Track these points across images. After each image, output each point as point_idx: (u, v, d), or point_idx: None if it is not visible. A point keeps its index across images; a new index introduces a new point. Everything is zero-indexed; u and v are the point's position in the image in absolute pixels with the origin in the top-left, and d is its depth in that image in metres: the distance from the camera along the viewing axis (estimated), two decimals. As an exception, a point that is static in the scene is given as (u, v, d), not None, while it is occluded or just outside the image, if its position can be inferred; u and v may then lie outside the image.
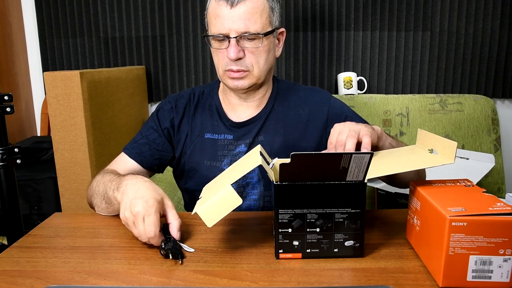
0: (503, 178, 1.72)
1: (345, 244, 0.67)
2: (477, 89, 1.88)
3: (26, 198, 1.61)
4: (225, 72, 0.94)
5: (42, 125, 2.01)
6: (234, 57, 0.90)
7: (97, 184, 0.90)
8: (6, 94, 1.02)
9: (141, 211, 0.69)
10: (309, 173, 0.63)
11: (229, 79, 0.94)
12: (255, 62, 0.93)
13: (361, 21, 1.86)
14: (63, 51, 1.93)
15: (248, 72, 0.93)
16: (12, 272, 0.65)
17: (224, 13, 0.89)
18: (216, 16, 0.90)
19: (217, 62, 0.95)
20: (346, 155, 0.61)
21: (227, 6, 0.88)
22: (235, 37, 0.89)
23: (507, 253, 0.56)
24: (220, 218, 0.65)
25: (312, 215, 0.65)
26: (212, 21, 0.91)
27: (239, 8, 0.88)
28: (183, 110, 1.03)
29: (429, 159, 0.71)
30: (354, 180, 0.64)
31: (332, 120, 1.00)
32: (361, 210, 0.65)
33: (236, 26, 0.89)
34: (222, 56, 0.93)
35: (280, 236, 0.66)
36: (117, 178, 0.82)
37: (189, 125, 1.02)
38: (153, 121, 1.03)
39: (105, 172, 0.94)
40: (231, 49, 0.90)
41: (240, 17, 0.88)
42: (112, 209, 0.85)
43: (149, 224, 0.69)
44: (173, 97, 1.05)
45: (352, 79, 1.84)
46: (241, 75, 0.93)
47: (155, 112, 1.04)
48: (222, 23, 0.89)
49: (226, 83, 0.96)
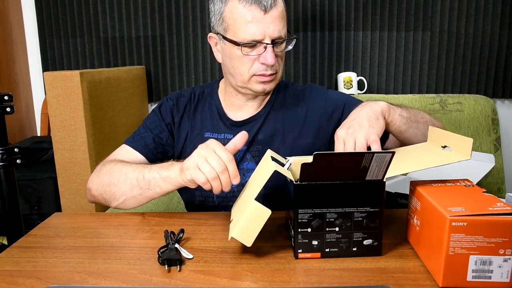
0: (503, 178, 1.72)
1: (363, 242, 0.67)
2: (477, 89, 1.88)
3: (26, 198, 1.60)
4: (252, 76, 0.92)
5: (42, 125, 2.01)
6: (272, 63, 0.88)
7: (117, 175, 0.87)
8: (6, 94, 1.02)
9: (211, 144, 0.73)
10: (329, 173, 0.64)
11: (259, 83, 0.92)
12: (280, 65, 0.94)
13: (361, 21, 1.86)
14: (63, 51, 1.93)
15: (275, 75, 0.93)
16: (12, 272, 0.65)
17: (258, 18, 0.86)
18: (247, 21, 0.87)
19: (241, 68, 0.91)
20: (368, 155, 0.61)
21: (260, 12, 0.86)
22: (272, 44, 0.88)
23: (507, 253, 0.56)
24: (257, 234, 0.66)
25: (332, 214, 0.66)
26: (242, 27, 0.87)
27: (272, 12, 0.87)
28: (183, 109, 1.03)
29: (445, 156, 0.71)
30: (374, 179, 0.64)
31: (331, 112, 1.00)
32: (380, 209, 0.66)
33: (271, 31, 0.87)
34: (250, 62, 0.90)
35: (299, 236, 0.66)
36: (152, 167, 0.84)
37: (189, 123, 1.02)
38: (155, 115, 1.03)
39: (114, 162, 0.92)
40: (269, 55, 0.88)
41: (273, 22, 0.87)
42: (151, 193, 0.83)
43: (222, 151, 0.71)
44: (174, 95, 1.05)
45: (352, 79, 1.84)
46: (271, 79, 0.92)
47: (156, 108, 1.04)
48: (256, 29, 0.86)
49: (252, 88, 0.94)
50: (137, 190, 0.84)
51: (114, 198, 0.88)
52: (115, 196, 0.87)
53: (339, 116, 1.00)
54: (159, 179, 0.81)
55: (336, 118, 1.01)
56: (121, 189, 0.86)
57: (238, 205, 0.76)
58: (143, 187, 0.83)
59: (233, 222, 0.71)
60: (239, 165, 0.98)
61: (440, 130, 0.76)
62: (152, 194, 0.84)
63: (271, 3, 0.86)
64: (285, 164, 0.75)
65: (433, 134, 0.79)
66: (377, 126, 0.78)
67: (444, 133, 0.75)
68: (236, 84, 0.95)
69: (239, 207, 0.74)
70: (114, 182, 0.87)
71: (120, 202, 0.87)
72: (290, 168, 0.75)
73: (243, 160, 0.98)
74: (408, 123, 0.86)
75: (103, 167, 0.92)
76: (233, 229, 0.67)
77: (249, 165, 0.98)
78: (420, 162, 0.72)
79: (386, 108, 0.82)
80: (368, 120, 0.78)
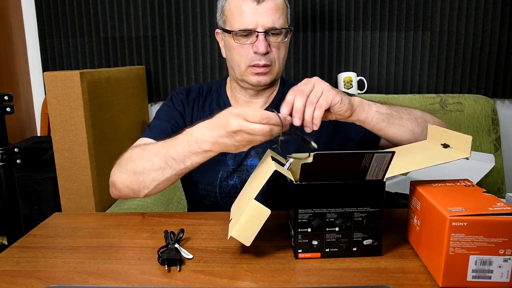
0: (503, 178, 1.72)
1: (363, 243, 0.67)
2: (477, 89, 1.88)
3: (26, 198, 1.60)
4: (248, 67, 0.94)
5: (42, 125, 2.01)
6: (263, 51, 0.90)
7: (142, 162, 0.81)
8: (6, 94, 1.02)
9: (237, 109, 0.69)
10: (329, 173, 0.64)
11: (253, 75, 0.94)
12: (277, 57, 0.95)
13: (361, 21, 1.85)
14: (63, 51, 1.93)
15: (271, 67, 0.94)
16: (12, 272, 0.65)
17: (251, 9, 0.90)
18: (241, 11, 0.91)
19: (238, 59, 0.95)
20: (368, 155, 0.61)
21: (253, 2, 0.90)
22: (263, 32, 0.90)
23: (507, 253, 0.56)
24: (256, 234, 0.65)
25: (332, 214, 0.66)
26: (236, 17, 0.92)
27: (266, 4, 0.90)
28: (193, 102, 1.05)
29: (445, 154, 0.71)
30: (374, 179, 0.64)
31: None
32: (380, 209, 0.66)
33: (263, 21, 0.90)
34: (245, 52, 0.93)
35: (299, 236, 0.66)
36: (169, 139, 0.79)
37: (197, 117, 1.03)
38: (167, 107, 1.04)
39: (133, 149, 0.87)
40: (260, 43, 0.90)
41: (266, 12, 0.90)
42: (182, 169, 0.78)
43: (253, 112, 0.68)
44: (184, 89, 1.07)
45: (352, 79, 1.84)
46: (265, 70, 0.94)
47: (168, 101, 1.06)
48: (249, 18, 0.90)
49: (248, 79, 0.96)
50: (169, 171, 0.79)
51: (144, 186, 0.83)
52: (144, 184, 0.82)
53: None
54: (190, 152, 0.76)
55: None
56: (150, 176, 0.81)
57: (237, 205, 0.76)
58: (177, 162, 0.78)
59: (232, 221, 0.71)
60: (244, 162, 0.99)
61: (439, 128, 0.76)
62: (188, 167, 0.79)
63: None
64: (285, 164, 0.75)
65: (432, 132, 0.79)
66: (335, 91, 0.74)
67: (444, 131, 0.74)
68: (235, 76, 0.98)
69: (238, 207, 0.74)
70: (141, 171, 0.82)
71: (151, 189, 0.83)
72: (290, 168, 0.75)
73: (248, 157, 0.99)
74: (388, 120, 0.82)
75: (123, 159, 0.87)
76: (232, 228, 0.67)
77: (253, 161, 0.98)
78: (420, 161, 0.72)
79: (358, 102, 0.78)
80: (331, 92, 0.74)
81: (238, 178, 0.98)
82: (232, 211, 0.77)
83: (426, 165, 0.69)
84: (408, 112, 0.87)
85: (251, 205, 0.65)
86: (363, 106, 0.79)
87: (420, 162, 0.71)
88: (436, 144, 0.77)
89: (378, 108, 0.81)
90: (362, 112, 0.79)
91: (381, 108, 0.82)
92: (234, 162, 0.99)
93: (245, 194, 0.76)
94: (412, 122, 0.85)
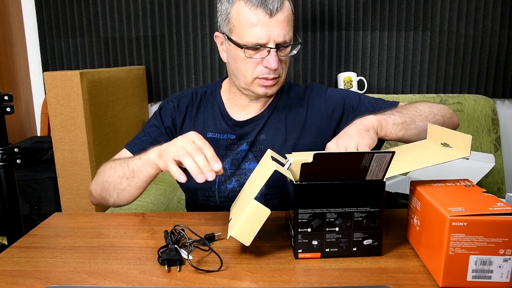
0: (503, 178, 1.72)
1: (363, 243, 0.67)
2: (477, 89, 1.88)
3: (26, 198, 1.60)
4: (255, 79, 0.91)
5: (42, 125, 2.01)
6: (275, 67, 0.88)
7: (108, 171, 0.89)
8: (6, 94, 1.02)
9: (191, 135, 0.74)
10: (329, 173, 0.64)
11: (261, 86, 0.92)
12: (283, 69, 0.93)
13: (361, 21, 1.86)
14: (63, 51, 1.93)
15: (278, 79, 0.93)
16: (12, 272, 0.65)
17: (263, 22, 0.86)
18: (252, 24, 0.86)
19: (245, 70, 0.91)
20: (368, 155, 0.61)
21: (266, 15, 0.85)
22: (275, 48, 0.88)
23: (507, 253, 0.56)
24: (256, 233, 0.66)
25: (332, 214, 0.66)
26: (247, 29, 0.87)
27: (278, 16, 0.86)
28: (185, 110, 1.03)
29: (445, 153, 0.71)
30: (374, 179, 0.64)
31: (332, 111, 1.01)
32: (380, 209, 0.66)
33: (275, 36, 0.87)
34: (254, 64, 0.90)
35: (299, 236, 0.66)
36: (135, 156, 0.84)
37: (192, 124, 1.02)
38: (155, 119, 1.03)
39: (110, 161, 0.93)
40: (272, 59, 0.87)
41: (278, 26, 0.86)
42: (136, 181, 0.83)
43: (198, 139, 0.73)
44: (176, 96, 1.05)
45: (352, 79, 1.84)
46: (274, 83, 0.92)
47: (157, 111, 1.04)
48: (261, 32, 0.86)
49: (254, 90, 0.94)
50: (125, 181, 0.85)
51: (109, 195, 0.89)
52: (109, 192, 0.89)
53: (340, 113, 1.01)
54: (140, 164, 0.81)
55: (337, 116, 1.01)
56: (112, 184, 0.87)
57: (237, 205, 0.76)
58: (129, 176, 0.84)
59: (232, 221, 0.71)
60: (241, 165, 0.98)
61: (439, 128, 0.76)
62: (138, 182, 0.84)
63: (277, 7, 0.85)
64: (285, 164, 0.75)
65: (432, 132, 0.79)
66: (367, 137, 0.78)
67: (443, 131, 0.75)
68: (239, 85, 0.95)
69: (238, 207, 0.74)
70: (106, 179, 0.88)
71: (115, 197, 0.89)
72: (290, 168, 0.75)
73: (245, 160, 0.98)
74: (405, 128, 0.86)
75: (100, 169, 0.93)
76: (232, 228, 0.67)
77: (251, 165, 0.98)
78: (420, 161, 0.72)
79: (376, 123, 0.82)
80: (358, 132, 0.78)
81: (236, 181, 0.98)
82: (232, 211, 0.77)
83: (426, 165, 0.69)
84: (418, 114, 0.90)
85: (251, 205, 0.65)
86: (381, 125, 0.82)
87: (420, 162, 0.71)
88: (436, 143, 0.77)
89: (393, 121, 0.84)
90: (381, 132, 0.83)
91: (396, 119, 0.85)
92: (232, 166, 0.98)
93: (244, 194, 0.76)
94: (424, 121, 0.89)
